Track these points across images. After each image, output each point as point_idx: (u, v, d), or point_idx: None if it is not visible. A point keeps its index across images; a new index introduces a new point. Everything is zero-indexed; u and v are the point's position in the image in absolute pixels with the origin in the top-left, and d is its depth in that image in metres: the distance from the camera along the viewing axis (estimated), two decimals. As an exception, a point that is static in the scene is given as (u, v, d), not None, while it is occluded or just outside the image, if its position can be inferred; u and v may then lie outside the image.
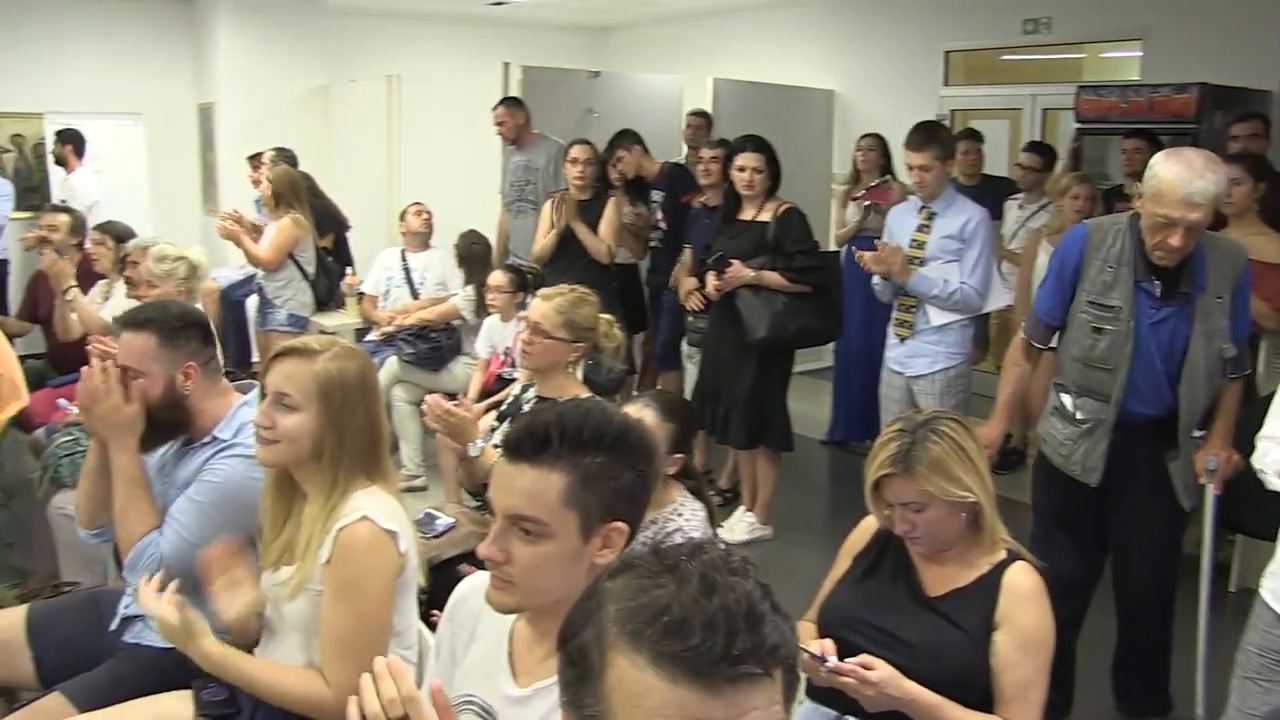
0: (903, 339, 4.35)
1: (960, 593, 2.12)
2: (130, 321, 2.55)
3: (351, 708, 1.29)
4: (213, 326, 2.74)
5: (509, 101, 6.10)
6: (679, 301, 5.27)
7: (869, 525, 2.31)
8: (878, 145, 6.20)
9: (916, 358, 4.31)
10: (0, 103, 8.32)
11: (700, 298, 5.06)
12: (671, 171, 6.03)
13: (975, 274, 4.18)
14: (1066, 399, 3.13)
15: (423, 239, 5.98)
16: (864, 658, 1.97)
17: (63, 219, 5.62)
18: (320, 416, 2.07)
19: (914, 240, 4.27)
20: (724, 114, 6.89)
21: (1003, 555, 2.13)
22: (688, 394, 5.11)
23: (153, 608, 2.05)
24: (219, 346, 2.76)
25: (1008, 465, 5.34)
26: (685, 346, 5.43)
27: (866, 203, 5.96)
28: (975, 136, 6.26)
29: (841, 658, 1.97)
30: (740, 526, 4.89)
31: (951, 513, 2.08)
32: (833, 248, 5.94)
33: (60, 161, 7.81)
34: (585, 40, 10.78)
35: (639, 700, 1.01)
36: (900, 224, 4.40)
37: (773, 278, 4.49)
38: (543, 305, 3.23)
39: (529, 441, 1.48)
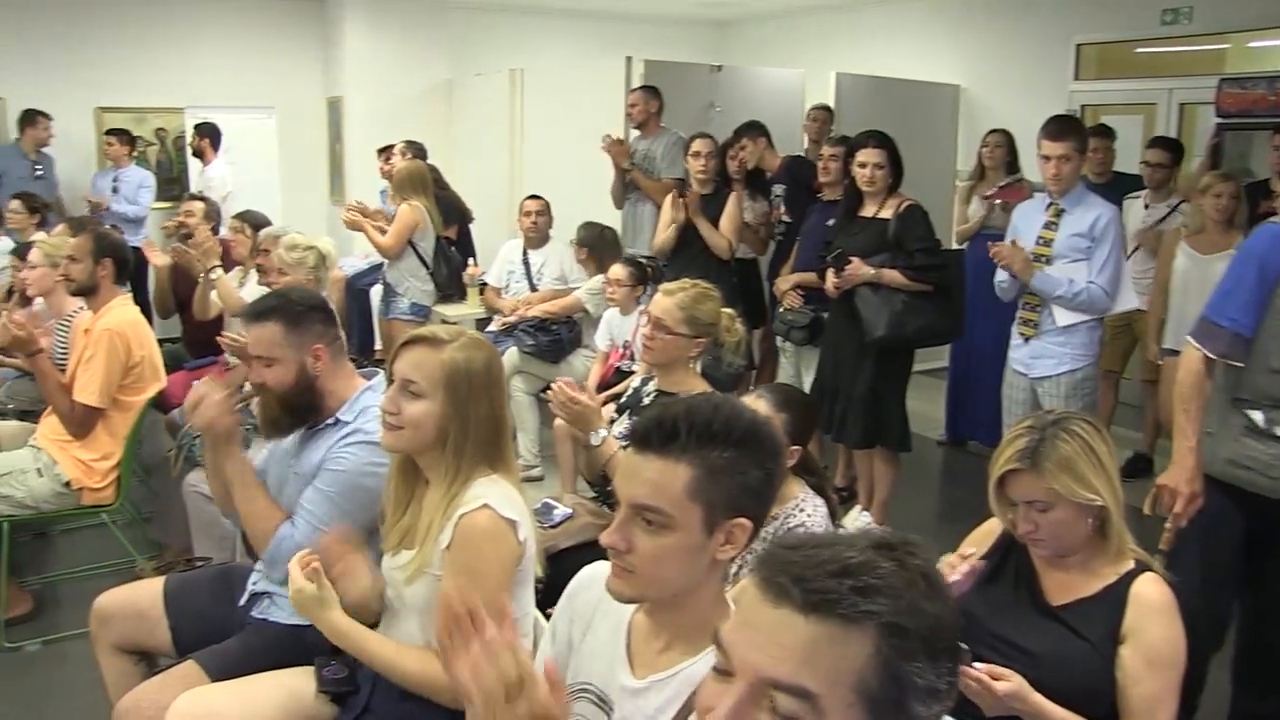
0: (1027, 339, 4.24)
1: (1085, 602, 2.06)
2: (254, 314, 2.65)
3: (465, 672, 1.30)
4: (334, 311, 2.83)
5: (647, 89, 6.15)
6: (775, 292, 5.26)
7: (990, 528, 2.26)
8: (1004, 141, 6.07)
9: (1041, 359, 4.20)
10: (145, 98, 8.70)
11: (797, 296, 5.02)
12: (793, 165, 5.99)
13: (1104, 273, 4.04)
14: (1258, 415, 2.79)
15: (539, 235, 6.04)
16: (992, 667, 1.94)
17: (198, 206, 5.86)
18: (445, 405, 2.10)
19: (1040, 238, 4.16)
20: (846, 109, 6.82)
21: (1130, 565, 2.07)
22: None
23: (294, 574, 2.13)
24: (342, 331, 2.84)
25: (1135, 473, 5.18)
26: (777, 338, 5.39)
27: (992, 200, 5.84)
28: (1106, 133, 6.06)
29: None
30: (856, 526, 4.83)
31: (1078, 516, 2.02)
32: (954, 245, 5.84)
33: (198, 154, 8.11)
34: (707, 34, 10.77)
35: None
36: (1026, 222, 4.28)
37: (893, 276, 4.42)
38: (664, 300, 3.23)
39: (657, 432, 1.49)
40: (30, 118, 7.91)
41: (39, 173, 7.84)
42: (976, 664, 1.93)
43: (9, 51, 8.20)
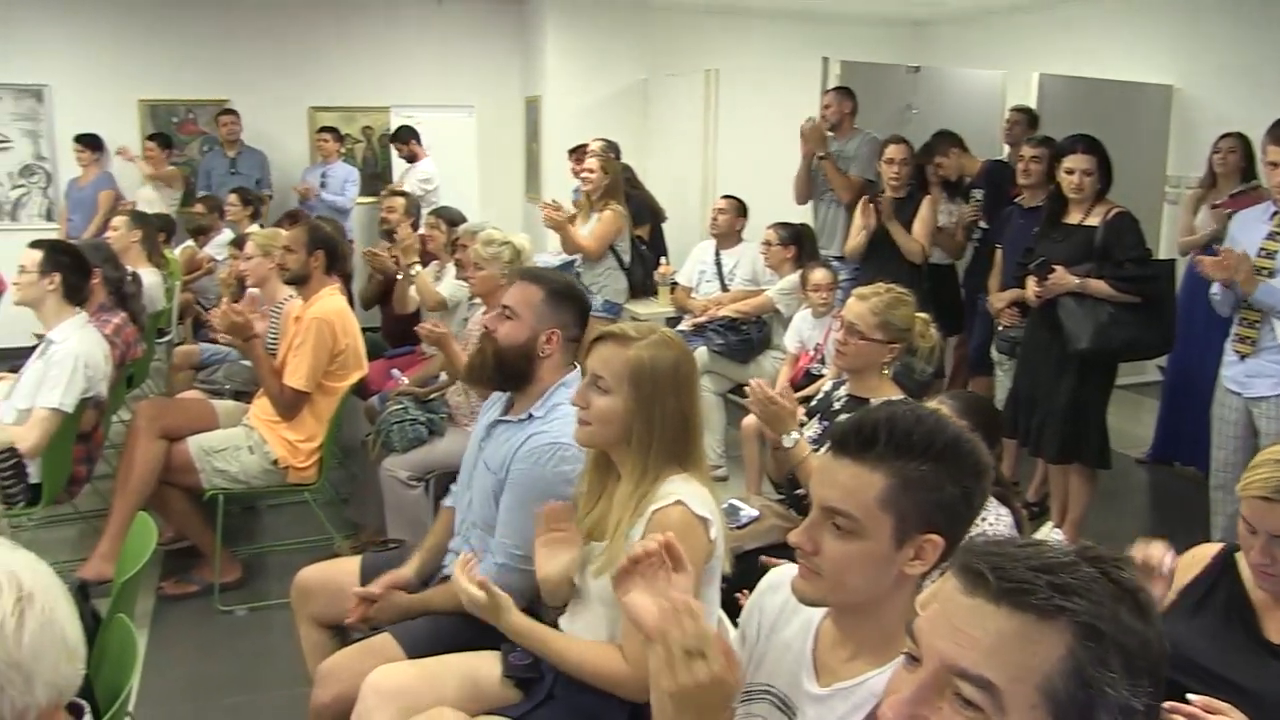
0: (1243, 356, 3.97)
1: None
2: (529, 274, 2.80)
3: (650, 614, 1.37)
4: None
5: (841, 90, 6.10)
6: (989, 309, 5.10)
7: (1201, 555, 2.13)
8: (1239, 146, 5.70)
9: (1258, 378, 3.92)
10: (354, 98, 9.14)
11: (1014, 313, 4.85)
12: (992, 169, 5.82)
13: (1337, 288, 3.76)
14: None
15: (731, 235, 6.04)
16: (1209, 700, 1.81)
17: (399, 202, 6.12)
18: (630, 401, 2.12)
19: (1263, 249, 3.89)
20: (1049, 111, 6.57)
21: None
22: (999, 402, 4.92)
23: (463, 587, 2.20)
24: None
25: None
26: (995, 354, 5.24)
27: (1222, 209, 5.50)
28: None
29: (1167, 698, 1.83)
30: (1047, 543, 4.65)
31: None
32: (1168, 255, 5.55)
33: (409, 158, 8.45)
34: (904, 35, 10.56)
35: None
36: (1246, 231, 4.01)
37: (1099, 286, 4.22)
38: (858, 306, 3.19)
39: (855, 437, 1.47)
40: (217, 116, 8.41)
41: (234, 170, 8.32)
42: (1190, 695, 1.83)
43: (229, 55, 8.76)
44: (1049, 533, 4.70)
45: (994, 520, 2.59)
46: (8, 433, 3.65)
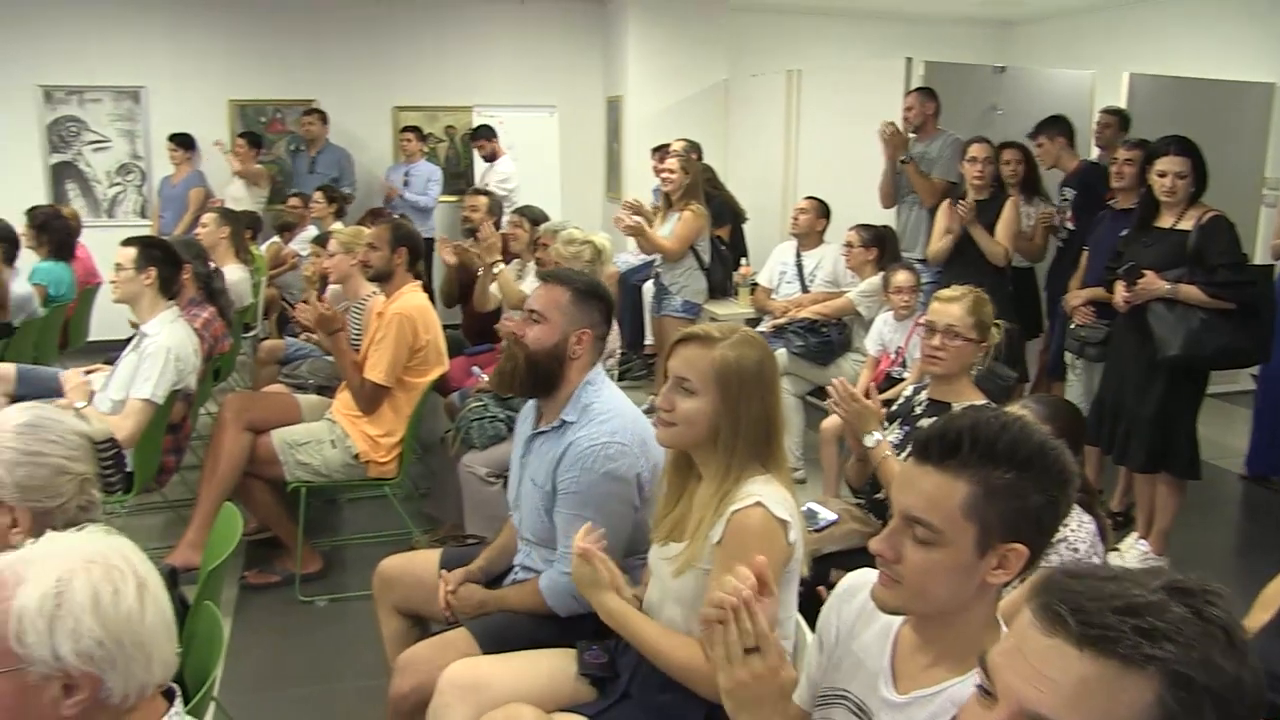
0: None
1: None
2: (553, 275, 2.78)
3: (711, 611, 1.41)
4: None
5: (923, 91, 6.02)
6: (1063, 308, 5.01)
7: None
8: None
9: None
10: (437, 97, 9.26)
11: (1088, 311, 4.76)
12: (1087, 170, 5.69)
13: None
14: None
15: (813, 237, 6.00)
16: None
17: (482, 200, 6.17)
18: (716, 402, 2.11)
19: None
20: (1141, 111, 6.41)
21: None
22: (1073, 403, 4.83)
23: (576, 547, 2.20)
24: (616, 328, 2.91)
25: None
26: (1066, 355, 5.14)
27: None
28: None
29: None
30: (1132, 555, 4.55)
31: None
32: (1266, 261, 5.38)
33: (489, 157, 8.52)
34: (990, 34, 10.42)
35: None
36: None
37: (1191, 292, 4.11)
38: (951, 308, 3.14)
39: (938, 444, 1.45)
40: (301, 116, 8.59)
41: (313, 169, 8.50)
42: None
43: (316, 57, 8.96)
44: (1133, 544, 4.62)
45: (1075, 527, 2.55)
46: (107, 423, 3.76)
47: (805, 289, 5.89)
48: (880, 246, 5.61)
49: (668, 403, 2.16)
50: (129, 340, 4.18)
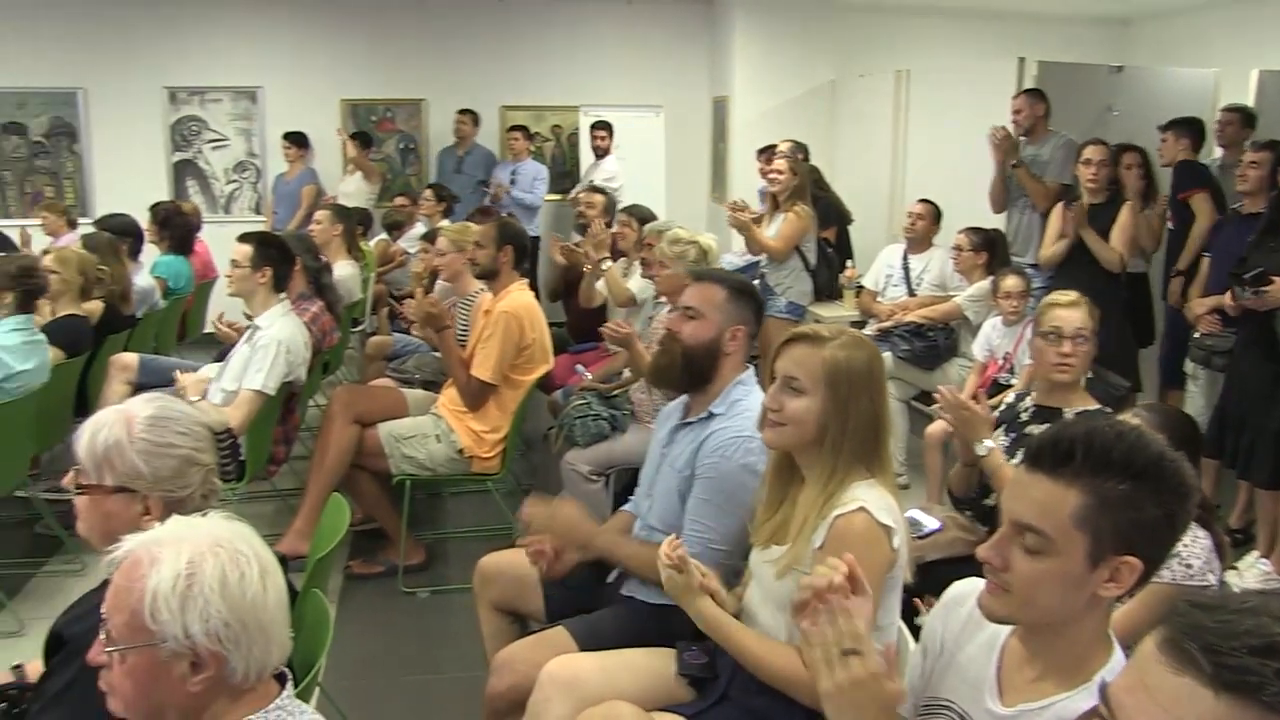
0: None
1: None
2: (706, 274, 2.84)
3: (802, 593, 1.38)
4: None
5: (1032, 92, 5.87)
6: (1184, 315, 4.84)
7: None
8: None
9: None
10: (543, 97, 9.35)
11: (1214, 320, 4.59)
12: (1179, 169, 5.51)
13: None
14: None
15: (921, 239, 5.91)
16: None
17: (598, 198, 6.22)
18: (825, 401, 2.09)
19: None
20: (1271, 110, 6.16)
21: None
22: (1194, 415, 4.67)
23: (662, 563, 2.18)
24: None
25: None
26: (1189, 365, 4.97)
27: None
28: None
29: None
30: (1252, 574, 4.37)
31: None
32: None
33: (601, 152, 8.57)
34: (1106, 33, 10.11)
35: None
36: None
37: (1322, 299, 3.96)
38: (1074, 313, 3.08)
39: (1050, 452, 1.41)
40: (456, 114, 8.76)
41: (459, 169, 8.67)
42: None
43: (425, 56, 9.13)
44: (1253, 563, 4.44)
45: (1189, 542, 2.48)
46: (222, 413, 3.87)
47: (912, 292, 5.81)
48: (990, 250, 5.50)
49: (776, 403, 2.14)
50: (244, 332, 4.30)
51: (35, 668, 2.06)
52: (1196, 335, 4.82)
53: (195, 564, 1.38)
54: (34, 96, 8.71)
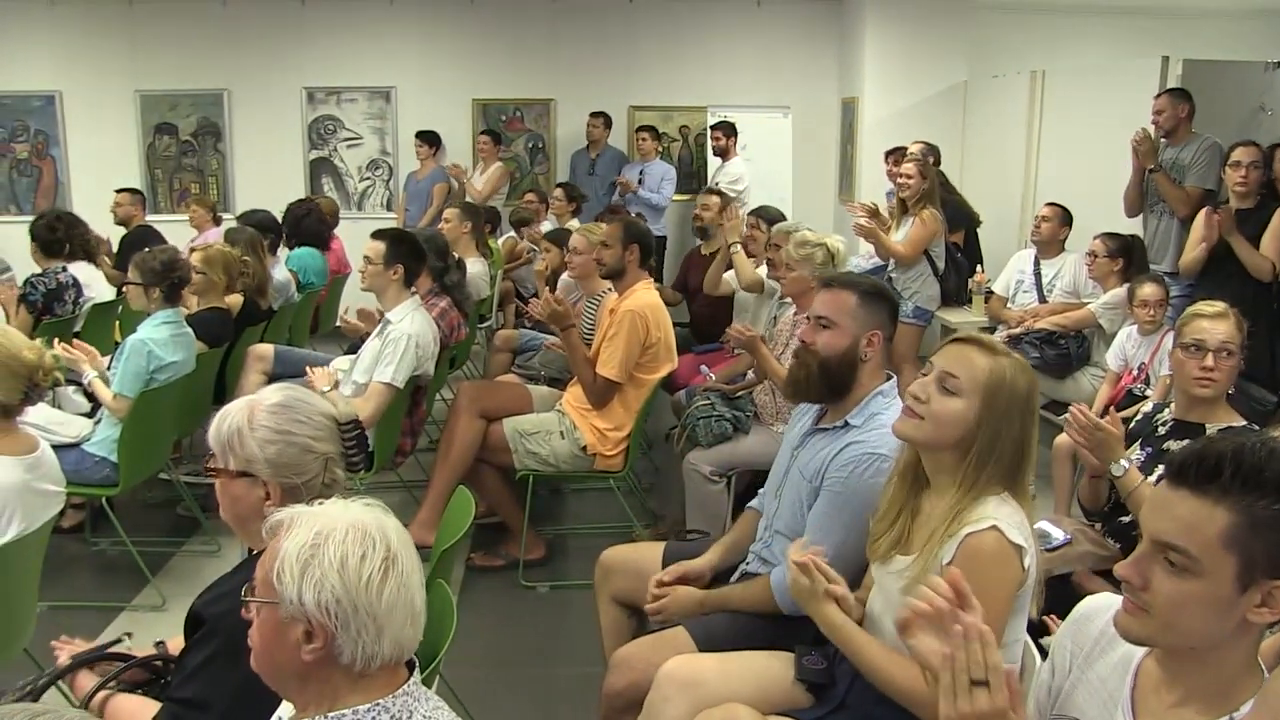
0: None
1: None
2: (836, 280, 2.78)
3: (930, 646, 1.34)
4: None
5: (1175, 92, 5.62)
6: None
7: None
8: None
9: None
10: (671, 97, 9.38)
11: None
12: None
13: None
14: None
15: (1053, 244, 5.75)
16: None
17: (714, 200, 6.22)
18: (979, 410, 2.02)
19: None
20: None
21: None
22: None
23: (791, 567, 2.17)
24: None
25: None
26: None
27: None
28: None
29: None
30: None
31: None
32: None
33: (720, 153, 8.55)
34: (1261, 28, 9.65)
35: None
36: None
37: None
38: (1221, 326, 2.96)
39: (1197, 468, 1.35)
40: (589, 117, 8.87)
41: (592, 171, 8.79)
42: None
43: (555, 57, 9.26)
44: None
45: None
46: (352, 405, 3.98)
47: (1043, 299, 5.66)
48: (1126, 256, 5.32)
49: (924, 393, 2.07)
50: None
51: (176, 644, 2.16)
52: None
53: (321, 536, 1.43)
54: (184, 98, 9.13)
